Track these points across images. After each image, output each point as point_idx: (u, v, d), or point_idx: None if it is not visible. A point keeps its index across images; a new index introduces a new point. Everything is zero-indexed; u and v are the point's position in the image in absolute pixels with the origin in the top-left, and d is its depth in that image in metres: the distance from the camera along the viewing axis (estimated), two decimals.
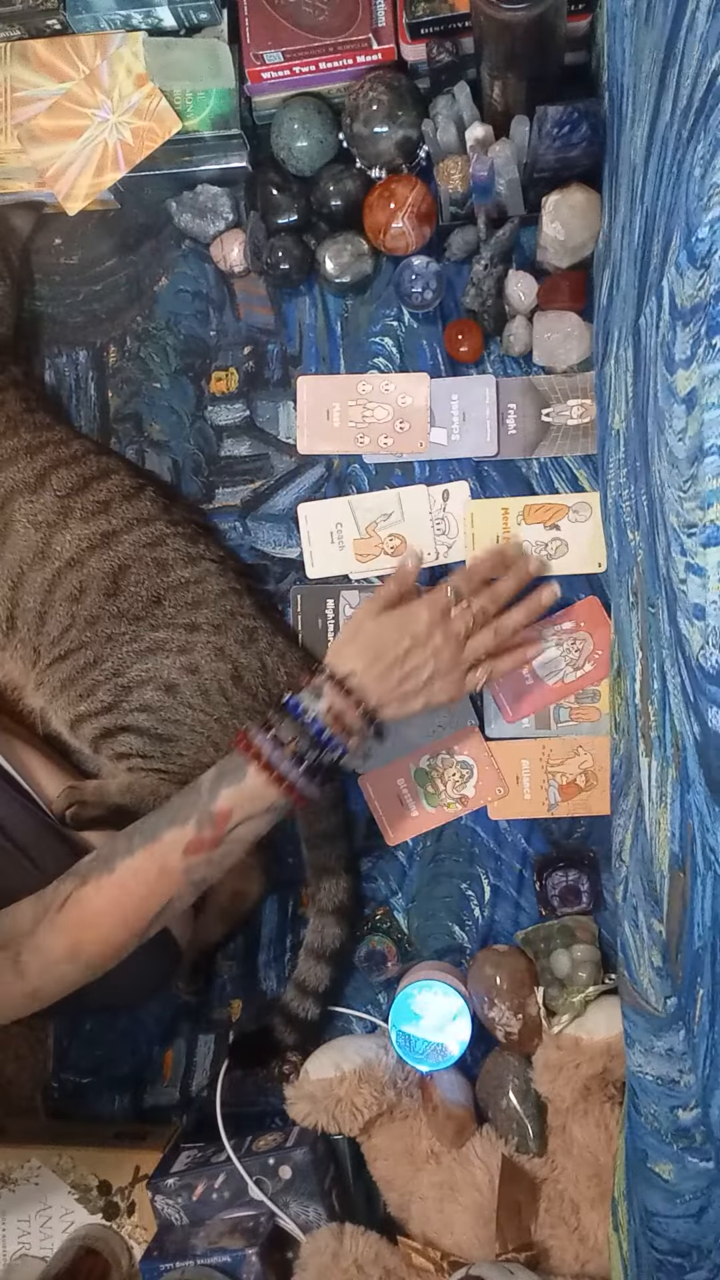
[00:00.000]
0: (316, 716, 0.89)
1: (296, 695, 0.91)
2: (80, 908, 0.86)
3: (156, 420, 1.16)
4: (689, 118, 0.58)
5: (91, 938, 0.86)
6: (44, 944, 0.86)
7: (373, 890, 1.11)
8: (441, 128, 1.03)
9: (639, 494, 0.77)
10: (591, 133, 0.96)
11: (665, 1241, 0.78)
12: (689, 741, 0.63)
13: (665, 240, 0.63)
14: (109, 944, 0.87)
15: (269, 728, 0.89)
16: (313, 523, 1.12)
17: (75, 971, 0.87)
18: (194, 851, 0.87)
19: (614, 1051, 0.97)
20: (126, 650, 1.00)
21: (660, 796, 0.73)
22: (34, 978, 0.86)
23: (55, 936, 0.86)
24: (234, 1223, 1.00)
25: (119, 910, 0.86)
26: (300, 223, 1.12)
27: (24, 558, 1.01)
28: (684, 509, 0.59)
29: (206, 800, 0.88)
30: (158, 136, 1.06)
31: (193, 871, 0.88)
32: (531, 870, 1.08)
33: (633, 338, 0.76)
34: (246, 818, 0.88)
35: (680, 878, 0.68)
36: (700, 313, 0.55)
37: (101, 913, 0.86)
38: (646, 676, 0.77)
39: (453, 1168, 1.01)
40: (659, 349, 0.64)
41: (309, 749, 0.88)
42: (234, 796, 0.88)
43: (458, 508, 1.10)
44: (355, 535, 1.12)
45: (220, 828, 0.87)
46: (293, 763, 0.88)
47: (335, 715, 0.89)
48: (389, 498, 1.12)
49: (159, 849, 0.87)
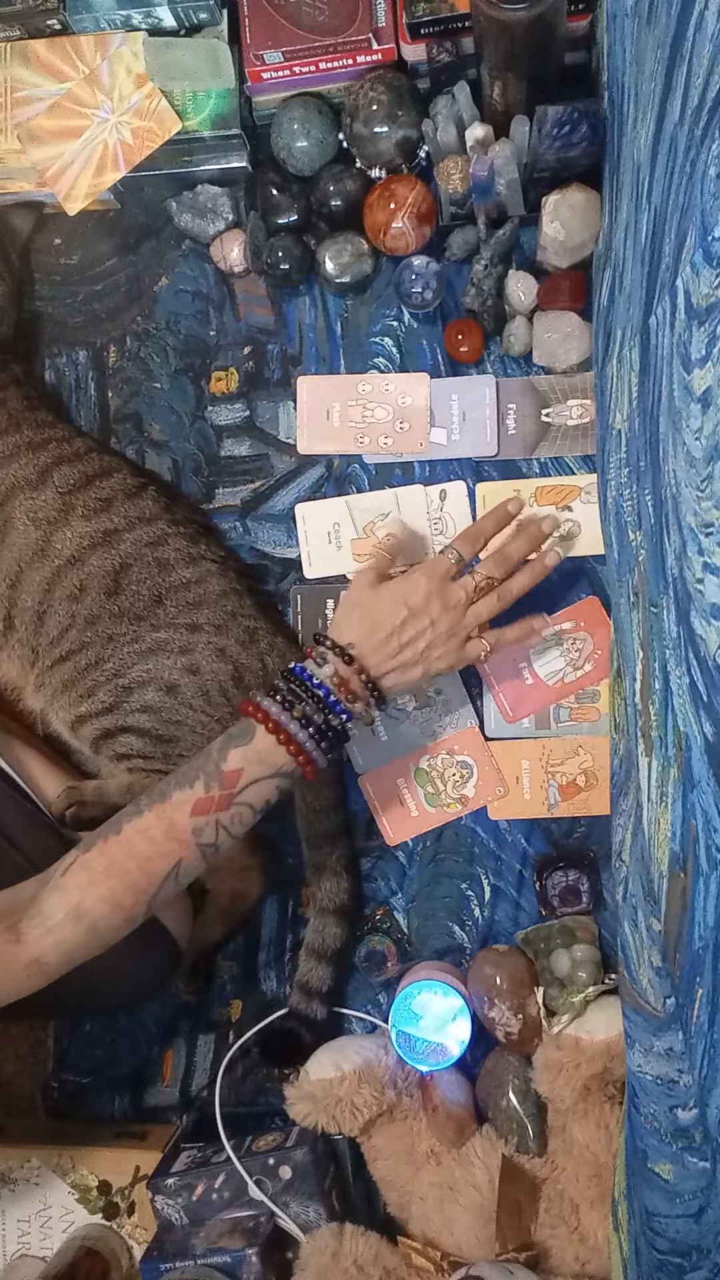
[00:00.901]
0: (322, 681, 0.90)
1: (301, 663, 0.91)
2: (86, 868, 0.85)
3: (156, 420, 1.16)
4: (701, 117, 0.58)
5: (95, 896, 0.84)
6: (45, 907, 0.84)
7: (373, 890, 1.11)
8: (441, 128, 1.03)
9: (643, 494, 0.77)
10: (591, 133, 0.96)
11: (665, 1242, 0.78)
12: (695, 741, 0.63)
13: (679, 240, 0.63)
14: (114, 904, 0.85)
15: (275, 691, 0.89)
16: (310, 523, 1.12)
17: (78, 935, 0.84)
18: (202, 811, 0.86)
19: (614, 1051, 0.97)
20: (127, 651, 1.00)
21: (660, 796, 0.73)
22: (34, 944, 0.83)
23: (57, 898, 0.84)
24: (234, 1223, 1.00)
25: (124, 869, 0.85)
26: (300, 223, 1.12)
27: (23, 556, 1.01)
28: (701, 508, 0.59)
29: (216, 760, 0.88)
30: (158, 136, 1.06)
31: (201, 833, 0.87)
32: (531, 870, 1.09)
33: (640, 337, 0.76)
34: (255, 780, 0.88)
35: (680, 877, 0.68)
36: (717, 311, 0.55)
37: (107, 871, 0.84)
38: (647, 676, 0.77)
39: (453, 1168, 1.01)
40: (674, 348, 0.64)
41: (315, 712, 0.89)
42: (243, 757, 0.87)
43: (455, 507, 1.10)
44: (353, 535, 1.12)
45: (230, 787, 0.87)
46: (300, 725, 0.88)
47: (340, 681, 0.90)
48: (386, 498, 1.12)
49: (167, 808, 0.86)
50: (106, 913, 0.85)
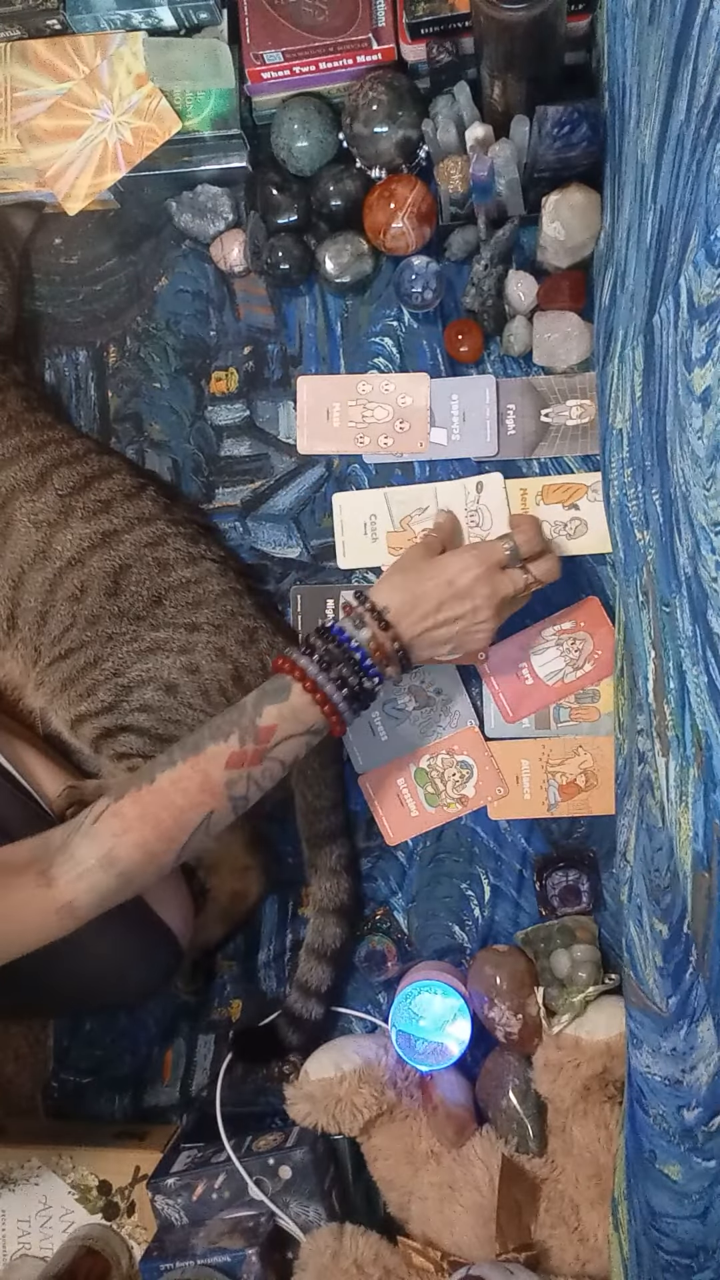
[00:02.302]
0: (361, 644, 0.91)
1: (339, 622, 0.92)
2: (119, 816, 0.85)
3: (156, 420, 1.16)
4: (707, 116, 0.58)
5: (128, 843, 0.84)
6: (77, 853, 0.83)
7: (373, 890, 1.11)
8: (441, 128, 1.03)
9: (649, 493, 0.77)
10: (591, 133, 0.96)
11: (673, 1242, 0.78)
12: (716, 740, 0.63)
13: (683, 239, 0.63)
14: (146, 851, 0.85)
15: (312, 651, 0.90)
16: (347, 513, 1.12)
17: (109, 881, 0.84)
18: (236, 765, 0.87)
19: (614, 1051, 0.98)
20: (127, 650, 1.00)
21: (680, 796, 0.73)
22: (65, 887, 0.83)
23: (90, 844, 0.84)
24: (234, 1223, 1.00)
25: (157, 818, 0.85)
26: (300, 223, 1.12)
27: (25, 557, 1.01)
28: (710, 507, 0.59)
29: (251, 715, 0.88)
30: (158, 136, 1.06)
31: (234, 786, 0.87)
32: (531, 870, 1.09)
33: (644, 337, 0.76)
34: (287, 736, 0.88)
35: (706, 877, 0.68)
36: (718, 310, 0.55)
37: (140, 819, 0.85)
38: (661, 676, 0.77)
39: (453, 1168, 1.01)
40: (678, 347, 0.64)
41: (351, 674, 0.90)
42: (278, 714, 0.88)
43: (491, 499, 1.10)
44: (389, 528, 1.11)
45: (264, 742, 0.87)
46: (336, 686, 0.89)
47: (376, 645, 0.91)
48: (425, 491, 1.11)
49: (202, 761, 0.87)
50: (139, 859, 0.85)
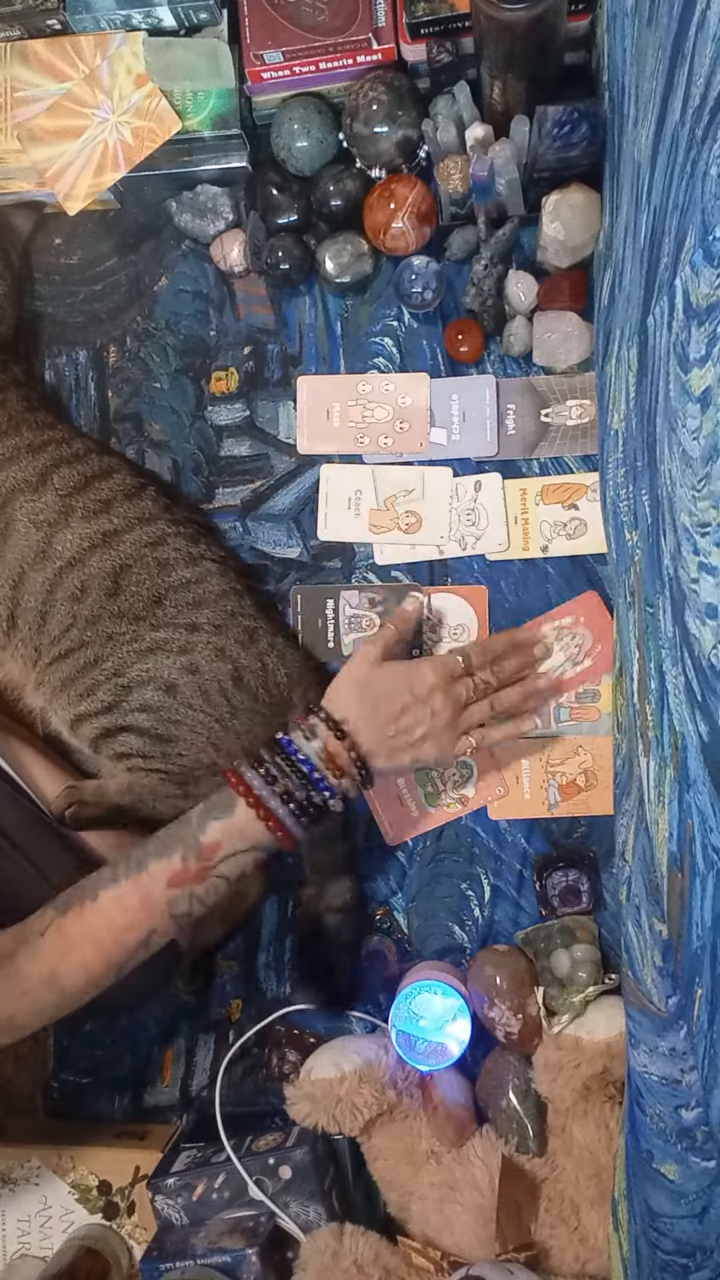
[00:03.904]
0: (309, 756, 0.90)
1: (289, 734, 0.91)
2: (60, 935, 0.86)
3: (156, 420, 1.16)
4: (703, 117, 0.58)
5: (70, 964, 0.86)
6: (22, 969, 0.85)
7: (373, 890, 1.11)
8: (441, 128, 1.03)
9: (638, 494, 0.77)
10: (591, 133, 0.96)
11: (670, 1242, 0.78)
12: (691, 741, 0.63)
13: (678, 239, 0.63)
14: (86, 972, 0.86)
15: (260, 764, 0.89)
16: (333, 484, 1.12)
17: (52, 999, 0.86)
18: (178, 884, 0.87)
19: (614, 1051, 0.97)
20: (127, 650, 1.00)
21: (658, 796, 0.73)
22: (8, 1004, 0.85)
23: (33, 963, 0.85)
24: (234, 1223, 1.00)
25: (98, 939, 0.86)
26: (300, 223, 1.12)
27: (25, 557, 1.01)
28: (697, 508, 0.59)
29: (195, 831, 0.88)
30: (158, 136, 1.06)
31: (175, 905, 0.88)
32: (531, 870, 1.09)
33: (638, 337, 0.76)
34: (232, 853, 0.88)
35: (679, 878, 0.68)
36: (717, 311, 0.55)
37: (81, 940, 0.86)
38: (644, 676, 0.77)
39: (453, 1168, 1.01)
40: (671, 348, 0.64)
41: (298, 788, 0.89)
42: (222, 830, 0.88)
43: (489, 499, 1.10)
44: (373, 505, 1.11)
45: (207, 860, 0.87)
46: (281, 801, 0.88)
47: (328, 756, 0.90)
48: (413, 475, 1.11)
49: (144, 879, 0.87)
50: (80, 979, 0.86)
